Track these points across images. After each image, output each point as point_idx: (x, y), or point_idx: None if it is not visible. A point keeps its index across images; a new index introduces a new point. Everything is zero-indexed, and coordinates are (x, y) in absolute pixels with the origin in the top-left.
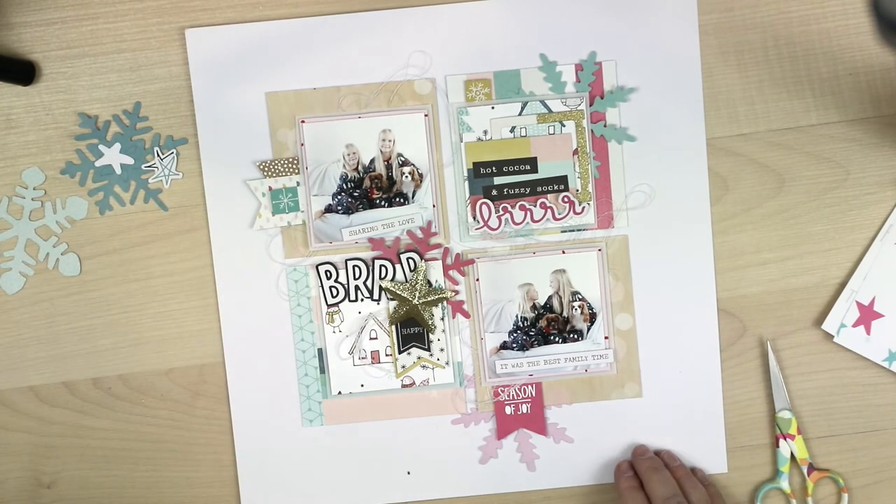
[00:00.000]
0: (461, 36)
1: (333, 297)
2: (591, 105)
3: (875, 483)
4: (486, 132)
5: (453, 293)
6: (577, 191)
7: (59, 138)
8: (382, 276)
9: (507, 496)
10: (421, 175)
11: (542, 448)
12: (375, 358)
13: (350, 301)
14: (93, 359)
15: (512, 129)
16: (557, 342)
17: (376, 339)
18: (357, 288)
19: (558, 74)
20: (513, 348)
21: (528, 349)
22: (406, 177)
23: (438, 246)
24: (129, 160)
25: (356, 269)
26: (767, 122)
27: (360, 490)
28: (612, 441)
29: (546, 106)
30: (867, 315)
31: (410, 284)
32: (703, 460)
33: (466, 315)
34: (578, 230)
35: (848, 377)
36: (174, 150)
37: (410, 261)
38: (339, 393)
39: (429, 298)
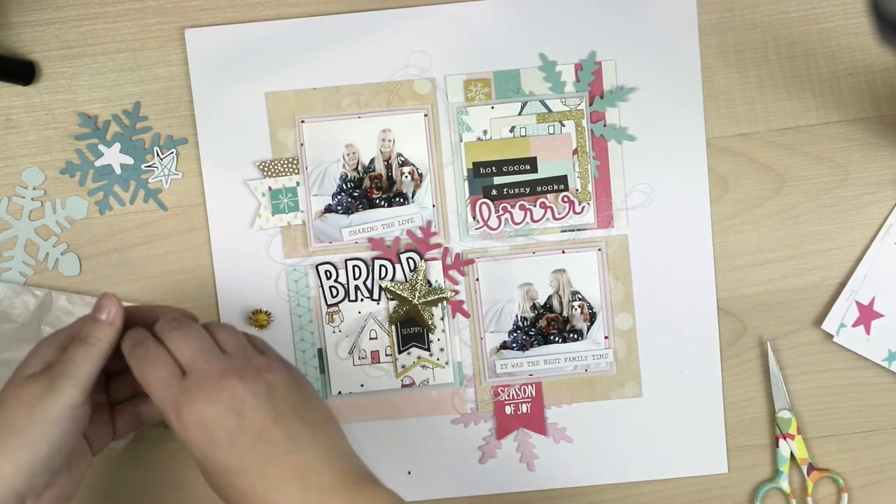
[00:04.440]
0: (461, 36)
1: (333, 297)
2: (590, 105)
3: (875, 483)
4: (485, 132)
5: (453, 293)
6: (577, 190)
7: (58, 138)
8: (382, 276)
9: (507, 496)
10: (421, 175)
11: (542, 448)
12: (375, 358)
13: (350, 301)
14: None
15: (512, 129)
16: (557, 342)
17: (376, 339)
18: (357, 288)
19: (558, 74)
20: (513, 348)
21: (527, 349)
22: (406, 177)
23: (438, 246)
24: (129, 160)
25: (356, 269)
26: (767, 122)
27: None
28: (612, 441)
29: (546, 106)
30: (867, 315)
31: (410, 284)
32: (703, 460)
33: (466, 315)
34: (578, 230)
35: (848, 377)
36: (174, 150)
37: (410, 261)
38: (339, 393)
39: (429, 298)
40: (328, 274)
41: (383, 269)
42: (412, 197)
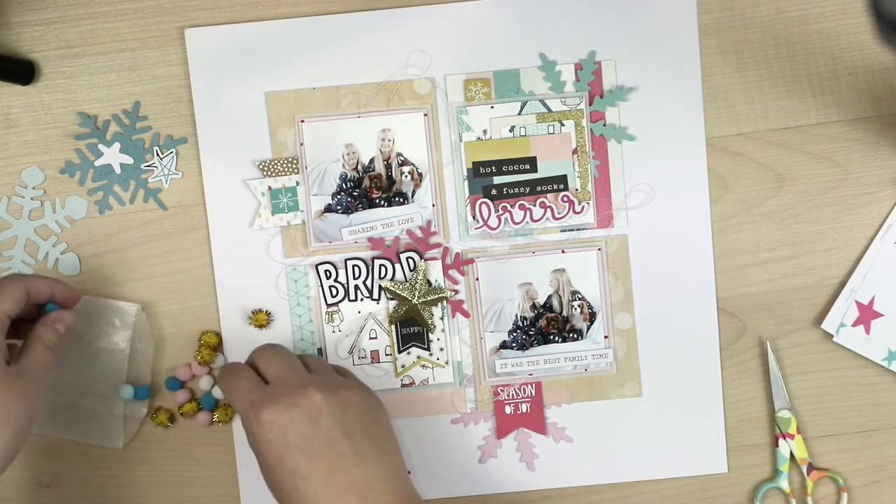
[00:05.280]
0: (461, 35)
1: (333, 296)
2: (590, 104)
3: (875, 483)
4: (485, 132)
5: (453, 293)
6: (577, 190)
7: (58, 138)
8: (382, 275)
9: (506, 496)
10: (420, 174)
11: (542, 448)
12: (375, 357)
13: (350, 301)
14: None
15: (511, 129)
16: (557, 342)
17: (376, 338)
18: (357, 287)
19: (558, 74)
20: (512, 348)
21: (527, 349)
22: (405, 176)
23: (438, 245)
24: (129, 160)
25: (356, 268)
26: (767, 122)
27: None
28: (612, 441)
29: (545, 105)
30: (867, 314)
31: (410, 284)
32: (703, 460)
33: (466, 315)
34: (578, 229)
35: (847, 377)
36: (174, 150)
37: (410, 260)
38: None
39: (428, 298)
40: (328, 273)
41: (383, 268)
42: (412, 196)
